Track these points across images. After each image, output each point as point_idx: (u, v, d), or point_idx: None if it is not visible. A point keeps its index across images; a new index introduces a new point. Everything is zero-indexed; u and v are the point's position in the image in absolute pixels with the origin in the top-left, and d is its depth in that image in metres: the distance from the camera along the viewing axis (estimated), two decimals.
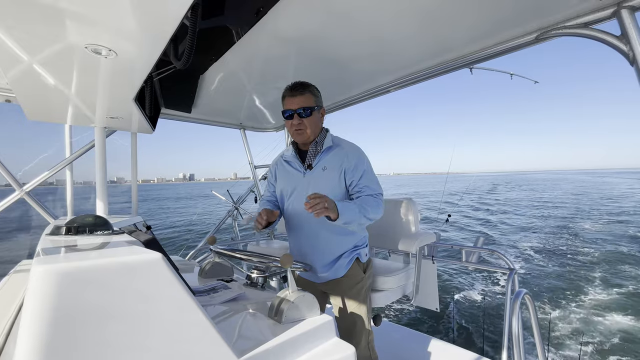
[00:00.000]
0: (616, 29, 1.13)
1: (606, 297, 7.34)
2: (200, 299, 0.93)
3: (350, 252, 1.44)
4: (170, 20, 0.79)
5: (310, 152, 1.48)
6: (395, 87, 2.14)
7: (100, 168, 1.82)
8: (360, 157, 1.44)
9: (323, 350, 0.79)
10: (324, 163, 1.44)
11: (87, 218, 0.89)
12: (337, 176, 1.40)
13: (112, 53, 0.94)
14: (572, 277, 8.90)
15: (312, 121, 1.43)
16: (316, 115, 1.45)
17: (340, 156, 1.43)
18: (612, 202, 27.73)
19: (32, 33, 0.83)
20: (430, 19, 1.36)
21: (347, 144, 1.49)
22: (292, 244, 1.55)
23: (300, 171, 1.48)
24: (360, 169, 1.41)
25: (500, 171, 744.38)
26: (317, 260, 1.44)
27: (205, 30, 1.41)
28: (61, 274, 0.47)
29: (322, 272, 1.44)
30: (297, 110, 1.41)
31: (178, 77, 1.86)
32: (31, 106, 1.47)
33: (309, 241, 1.45)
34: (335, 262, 1.42)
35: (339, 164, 1.41)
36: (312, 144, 1.48)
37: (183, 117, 2.60)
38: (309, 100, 1.43)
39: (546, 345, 4.94)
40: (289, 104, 1.43)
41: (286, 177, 1.53)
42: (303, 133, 1.44)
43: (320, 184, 1.41)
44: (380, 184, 1.47)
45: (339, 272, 1.42)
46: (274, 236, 3.26)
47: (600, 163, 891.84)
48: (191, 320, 0.59)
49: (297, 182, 1.47)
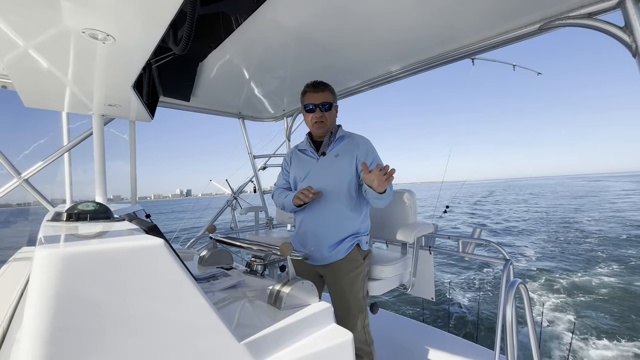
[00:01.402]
0: (620, 20, 1.12)
1: (599, 288, 7.48)
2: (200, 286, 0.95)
3: (353, 237, 1.52)
4: (169, 6, 0.77)
5: (325, 142, 1.62)
6: (395, 77, 2.12)
7: (98, 156, 1.81)
8: (370, 146, 1.58)
9: (321, 336, 0.81)
10: (336, 151, 1.57)
11: (87, 205, 0.89)
12: (349, 162, 1.52)
13: (110, 38, 0.92)
14: (566, 268, 9.05)
15: (331, 115, 1.59)
16: (334, 110, 1.62)
17: (352, 145, 1.56)
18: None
19: (28, 17, 0.81)
20: (432, 8, 1.34)
21: (358, 135, 1.63)
22: (300, 224, 1.62)
23: (314, 157, 1.61)
24: (371, 156, 1.55)
25: (496, 178, 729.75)
26: (322, 240, 1.51)
27: (204, 16, 1.39)
28: (65, 258, 0.47)
29: (325, 252, 1.49)
30: (320, 105, 1.55)
31: (177, 64, 1.84)
32: (28, 92, 1.45)
33: (317, 221, 1.54)
34: (338, 244, 1.50)
35: (350, 151, 1.54)
36: (327, 134, 1.63)
37: (182, 105, 2.57)
38: (328, 96, 1.58)
39: (539, 333, 5.06)
40: (311, 98, 1.57)
41: (300, 164, 1.66)
42: (324, 125, 1.58)
43: (332, 169, 1.54)
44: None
45: (339, 254, 1.49)
46: (272, 226, 3.28)
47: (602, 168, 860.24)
48: (193, 305, 0.60)
49: (311, 167, 1.60)
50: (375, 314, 1.76)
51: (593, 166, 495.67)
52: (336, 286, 1.51)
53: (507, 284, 1.49)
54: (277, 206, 1.74)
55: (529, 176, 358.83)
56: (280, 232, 2.88)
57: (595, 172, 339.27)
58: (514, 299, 1.42)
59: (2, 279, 1.07)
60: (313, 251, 1.52)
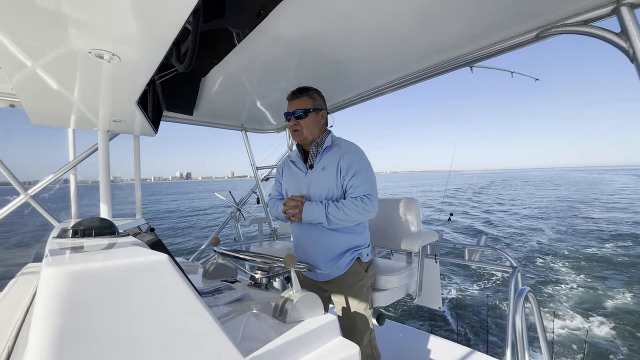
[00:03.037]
0: (616, 27, 1.13)
1: (614, 294, 7.31)
2: (204, 300, 0.94)
3: (352, 251, 1.47)
4: (172, 25, 0.80)
5: (312, 153, 1.56)
6: (396, 87, 2.14)
7: (103, 171, 1.84)
8: (355, 156, 1.47)
9: (327, 350, 0.80)
10: (323, 163, 1.50)
11: (92, 221, 0.90)
12: (335, 175, 1.45)
13: (115, 57, 0.95)
14: (576, 273, 8.87)
15: (307, 123, 1.52)
16: (312, 117, 1.53)
17: (337, 155, 1.48)
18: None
19: (36, 38, 0.84)
20: (430, 18, 1.36)
21: (346, 143, 1.54)
22: (296, 241, 1.61)
23: (303, 171, 1.57)
24: (353, 169, 1.44)
25: (498, 169, 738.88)
26: (319, 256, 1.48)
27: (206, 32, 1.42)
28: (71, 275, 0.48)
29: (324, 269, 1.47)
30: (294, 112, 1.52)
31: (180, 80, 1.87)
32: (35, 111, 1.49)
33: (311, 237, 1.50)
34: (336, 260, 1.45)
35: (335, 162, 1.46)
36: (313, 144, 1.56)
37: (185, 119, 2.61)
38: (305, 102, 1.53)
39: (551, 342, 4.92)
40: (288, 107, 1.57)
41: (291, 177, 1.62)
42: (299, 134, 1.54)
43: (319, 183, 1.48)
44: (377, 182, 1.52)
45: (339, 270, 1.46)
46: (276, 237, 3.27)
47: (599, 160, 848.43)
48: (198, 320, 0.60)
49: (300, 181, 1.56)
50: (382, 325, 1.73)
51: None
52: (340, 300, 1.48)
53: (516, 292, 1.46)
54: (273, 216, 1.73)
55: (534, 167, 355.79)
56: (285, 243, 2.87)
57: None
58: (523, 307, 1.40)
59: (9, 295, 1.08)
60: (313, 266, 1.49)
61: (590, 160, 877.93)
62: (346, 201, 1.41)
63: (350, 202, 1.39)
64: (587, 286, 7.93)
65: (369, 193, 1.42)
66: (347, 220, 1.39)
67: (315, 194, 1.48)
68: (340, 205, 1.39)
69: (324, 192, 1.46)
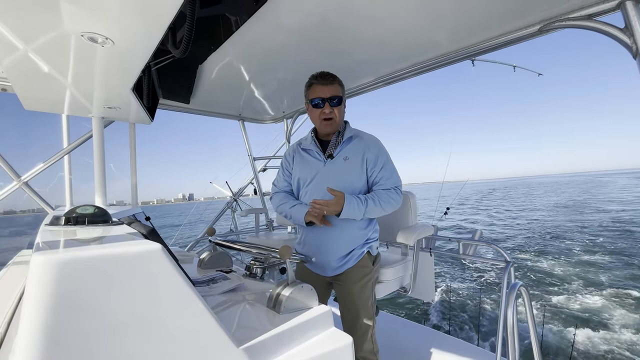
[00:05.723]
0: (620, 22, 1.12)
1: (602, 290, 7.45)
2: (199, 290, 0.94)
3: (363, 245, 1.44)
4: (168, 8, 0.77)
5: (332, 142, 1.46)
6: (396, 79, 2.12)
7: (98, 159, 1.81)
8: (380, 148, 1.45)
9: (321, 340, 0.81)
10: (345, 153, 1.43)
11: (86, 209, 0.89)
12: (360, 166, 1.40)
13: (109, 41, 0.92)
14: (566, 269, 9.02)
15: (341, 111, 1.43)
16: (343, 106, 1.46)
17: (361, 147, 1.43)
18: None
19: (27, 20, 0.81)
20: (432, 9, 1.34)
21: (367, 135, 1.49)
22: (307, 233, 1.50)
23: (320, 160, 1.46)
24: (381, 161, 1.42)
25: (497, 177, 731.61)
26: (331, 251, 1.41)
27: (203, 19, 1.39)
28: (61, 264, 0.47)
29: (336, 263, 1.41)
30: (329, 99, 1.38)
31: (176, 67, 1.84)
32: (27, 95, 1.45)
33: (326, 232, 1.42)
34: (348, 254, 1.41)
35: (360, 154, 1.41)
36: (335, 134, 1.47)
37: (181, 107, 2.58)
38: (338, 90, 1.41)
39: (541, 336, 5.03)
40: (318, 92, 1.39)
41: (305, 166, 1.50)
42: (332, 123, 1.42)
43: (342, 174, 1.41)
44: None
45: (349, 263, 1.41)
46: (272, 228, 3.27)
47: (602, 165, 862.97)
48: (191, 310, 0.60)
49: (317, 170, 1.45)
50: (376, 316, 1.75)
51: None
52: (346, 294, 1.43)
53: (508, 287, 1.48)
54: (278, 212, 1.57)
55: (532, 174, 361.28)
56: (281, 235, 2.87)
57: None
58: (515, 302, 1.42)
59: (1, 282, 1.07)
60: (321, 262, 1.44)
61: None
62: (381, 194, 1.37)
63: (385, 195, 1.37)
64: (580, 277, 8.08)
65: (398, 185, 1.43)
66: (379, 213, 1.38)
67: (338, 185, 1.38)
68: (377, 200, 1.35)
69: (347, 182, 1.39)
